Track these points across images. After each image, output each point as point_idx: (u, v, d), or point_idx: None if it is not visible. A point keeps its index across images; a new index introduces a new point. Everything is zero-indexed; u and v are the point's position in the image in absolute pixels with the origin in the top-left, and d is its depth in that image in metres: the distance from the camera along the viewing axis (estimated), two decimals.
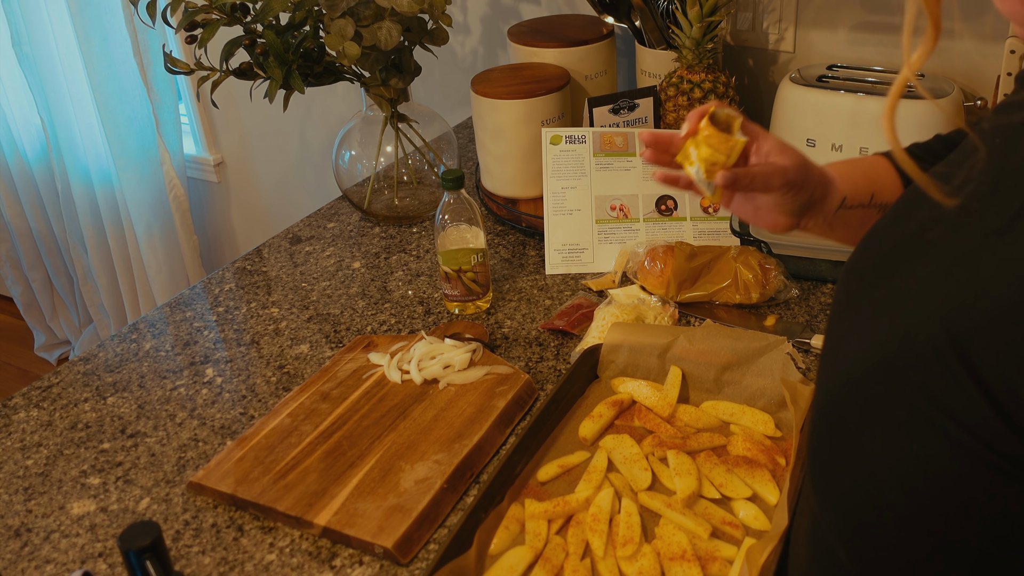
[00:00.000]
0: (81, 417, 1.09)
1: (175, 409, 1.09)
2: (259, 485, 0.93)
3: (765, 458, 0.91)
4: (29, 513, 0.95)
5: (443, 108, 1.91)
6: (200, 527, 0.92)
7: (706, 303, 1.18)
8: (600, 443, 0.95)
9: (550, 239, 1.30)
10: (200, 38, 1.27)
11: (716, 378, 1.00)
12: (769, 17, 1.48)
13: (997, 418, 0.44)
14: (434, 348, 1.09)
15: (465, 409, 1.02)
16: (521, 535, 0.85)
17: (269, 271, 1.38)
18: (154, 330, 1.26)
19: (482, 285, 1.20)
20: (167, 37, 2.24)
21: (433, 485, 0.91)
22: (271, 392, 1.11)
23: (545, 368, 1.10)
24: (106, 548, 0.90)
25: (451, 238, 1.17)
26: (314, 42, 1.31)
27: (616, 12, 1.46)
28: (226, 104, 2.31)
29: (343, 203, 1.55)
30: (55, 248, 2.78)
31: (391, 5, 1.24)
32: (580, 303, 1.19)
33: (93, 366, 1.18)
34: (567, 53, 1.44)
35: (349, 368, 1.11)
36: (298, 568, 0.86)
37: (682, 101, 1.34)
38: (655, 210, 1.31)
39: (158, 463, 1.01)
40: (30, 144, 2.60)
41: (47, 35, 2.29)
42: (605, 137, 1.32)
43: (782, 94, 1.36)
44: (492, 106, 1.36)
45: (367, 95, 1.43)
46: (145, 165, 2.37)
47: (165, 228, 2.46)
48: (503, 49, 1.83)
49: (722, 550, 0.82)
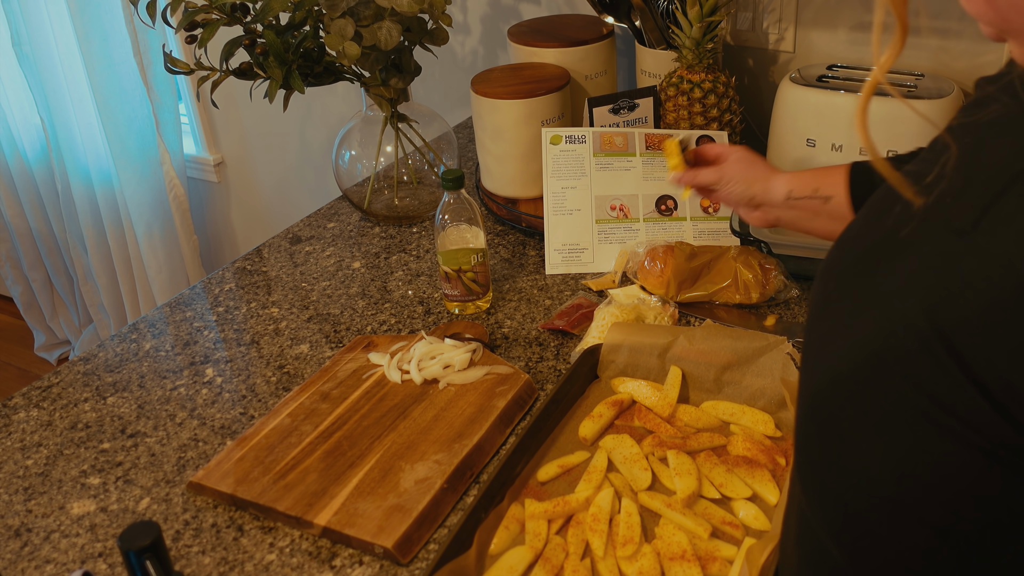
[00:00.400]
0: (81, 417, 1.09)
1: (175, 409, 1.09)
2: (259, 485, 0.93)
3: (765, 458, 0.91)
4: (29, 513, 0.95)
5: (443, 108, 1.91)
6: (200, 527, 0.92)
7: (706, 303, 1.18)
8: (600, 443, 0.95)
9: (550, 239, 1.30)
10: (200, 38, 1.27)
11: (716, 378, 1.00)
12: (769, 17, 1.48)
13: (987, 405, 0.45)
14: (434, 348, 1.09)
15: (465, 409, 1.02)
16: (521, 535, 0.85)
17: (269, 271, 1.38)
18: (154, 330, 1.26)
19: (482, 285, 1.20)
20: (167, 37, 2.24)
21: (433, 485, 0.91)
22: (271, 392, 1.11)
23: (545, 368, 1.10)
24: (106, 548, 0.90)
25: (451, 238, 1.17)
26: (314, 42, 1.31)
27: (616, 12, 1.46)
28: (226, 104, 2.31)
29: (343, 203, 1.55)
30: (55, 248, 2.79)
31: (391, 5, 1.24)
32: (580, 303, 1.19)
33: (93, 366, 1.18)
34: (567, 53, 1.44)
35: (349, 368, 1.11)
36: (298, 568, 0.86)
37: (682, 101, 1.34)
38: (655, 210, 1.31)
39: (158, 463, 1.01)
40: (30, 144, 2.60)
41: (47, 35, 2.29)
42: (605, 137, 1.32)
43: (782, 94, 1.36)
44: (492, 106, 1.36)
45: (367, 95, 1.43)
46: (145, 165, 2.37)
47: (165, 228, 2.46)
48: (503, 49, 1.83)
49: (722, 550, 0.82)
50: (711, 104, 1.34)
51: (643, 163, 1.32)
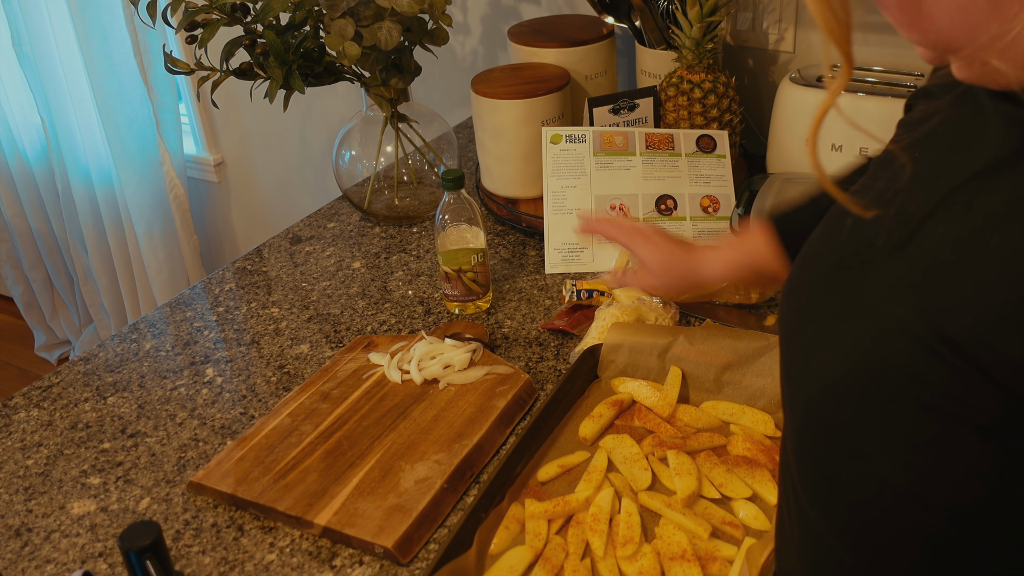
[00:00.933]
0: (81, 417, 1.09)
1: (175, 409, 1.09)
2: (259, 485, 0.93)
3: (765, 458, 0.91)
4: (29, 513, 0.95)
5: (443, 108, 1.91)
6: (200, 527, 0.92)
7: (706, 303, 1.18)
8: (600, 443, 0.95)
9: (550, 239, 1.30)
10: (200, 38, 1.27)
11: (716, 378, 1.00)
12: (769, 17, 1.48)
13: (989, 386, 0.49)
14: (434, 348, 1.09)
15: (465, 409, 1.02)
16: (521, 535, 0.85)
17: (269, 271, 1.38)
18: (154, 330, 1.26)
19: (482, 285, 1.20)
20: (167, 37, 2.24)
21: (433, 485, 0.91)
22: (271, 392, 1.11)
23: (545, 368, 1.10)
24: (106, 548, 0.90)
25: (451, 238, 1.17)
26: (314, 42, 1.31)
27: (616, 12, 1.46)
28: (226, 104, 2.31)
29: (343, 203, 1.55)
30: (55, 248, 2.79)
31: (391, 5, 1.24)
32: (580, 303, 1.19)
33: (93, 366, 1.18)
34: (567, 53, 1.44)
35: (349, 368, 1.11)
36: (298, 568, 0.86)
37: (682, 101, 1.34)
38: (655, 209, 1.31)
39: (158, 463, 1.01)
40: (30, 144, 2.59)
41: (47, 35, 2.29)
42: (605, 136, 1.33)
43: (782, 94, 1.36)
44: (492, 106, 1.36)
45: (367, 95, 1.43)
46: (145, 165, 2.37)
47: (165, 228, 2.45)
48: (503, 49, 1.83)
49: (722, 550, 0.82)
50: (711, 104, 1.34)
51: (643, 162, 1.32)
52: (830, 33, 0.52)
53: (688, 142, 1.33)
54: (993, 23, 0.47)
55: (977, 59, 0.50)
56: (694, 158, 1.33)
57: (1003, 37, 0.47)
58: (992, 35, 0.48)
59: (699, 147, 1.33)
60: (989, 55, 0.49)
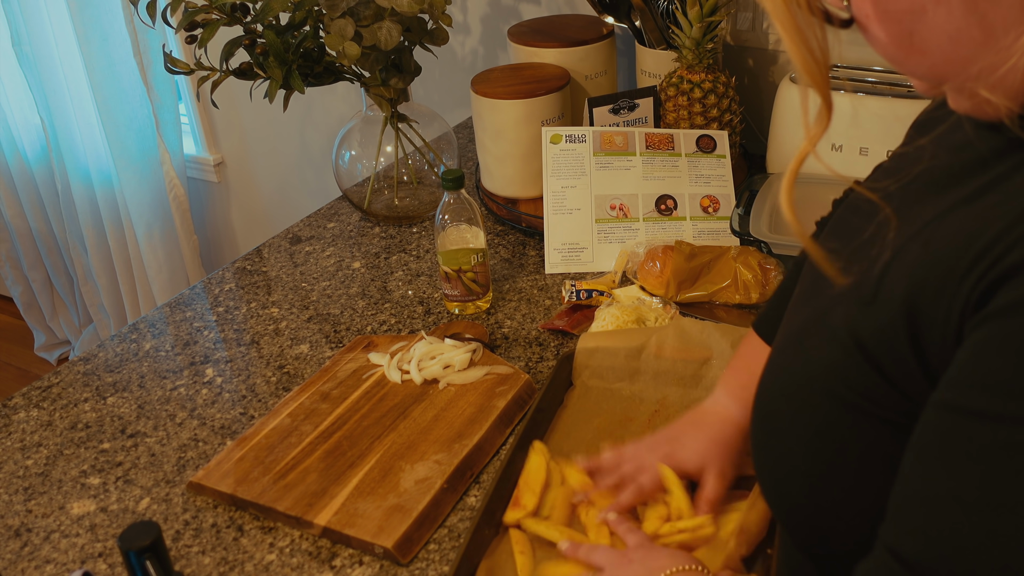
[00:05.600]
0: (81, 417, 1.09)
1: (175, 409, 1.09)
2: (259, 485, 0.93)
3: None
4: (29, 513, 0.95)
5: (443, 108, 1.91)
6: (200, 527, 0.92)
7: (706, 303, 1.18)
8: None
9: (550, 239, 1.30)
10: (200, 38, 1.27)
11: (695, 373, 1.01)
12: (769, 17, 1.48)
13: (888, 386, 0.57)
14: (434, 348, 1.09)
15: (465, 409, 1.02)
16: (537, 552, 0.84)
17: (269, 271, 1.38)
18: (154, 330, 1.26)
19: (482, 285, 1.20)
20: (167, 37, 2.24)
21: (433, 485, 0.91)
22: (271, 392, 1.11)
23: (545, 368, 1.10)
24: (106, 548, 0.90)
25: (451, 238, 1.17)
26: (314, 42, 1.31)
27: (616, 12, 1.46)
28: (226, 104, 2.31)
29: (343, 203, 1.55)
30: (55, 248, 2.78)
31: (391, 5, 1.24)
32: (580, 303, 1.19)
33: (93, 366, 1.18)
34: (567, 53, 1.44)
35: (349, 368, 1.11)
36: (298, 568, 0.86)
37: (682, 101, 1.34)
38: (655, 209, 1.31)
39: (158, 463, 1.01)
40: (30, 144, 2.59)
41: (47, 35, 2.29)
42: (605, 136, 1.33)
43: (782, 94, 1.36)
44: (492, 106, 1.36)
45: (367, 95, 1.43)
46: (145, 165, 2.37)
47: (165, 228, 2.45)
48: (503, 49, 1.83)
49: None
50: (711, 104, 1.34)
51: (643, 162, 1.32)
52: (810, 75, 0.52)
53: (688, 142, 1.33)
54: (987, 55, 0.48)
55: (966, 89, 0.52)
56: (694, 158, 1.33)
57: (996, 69, 0.48)
58: (983, 66, 0.49)
59: (699, 147, 1.33)
60: (978, 86, 0.50)
